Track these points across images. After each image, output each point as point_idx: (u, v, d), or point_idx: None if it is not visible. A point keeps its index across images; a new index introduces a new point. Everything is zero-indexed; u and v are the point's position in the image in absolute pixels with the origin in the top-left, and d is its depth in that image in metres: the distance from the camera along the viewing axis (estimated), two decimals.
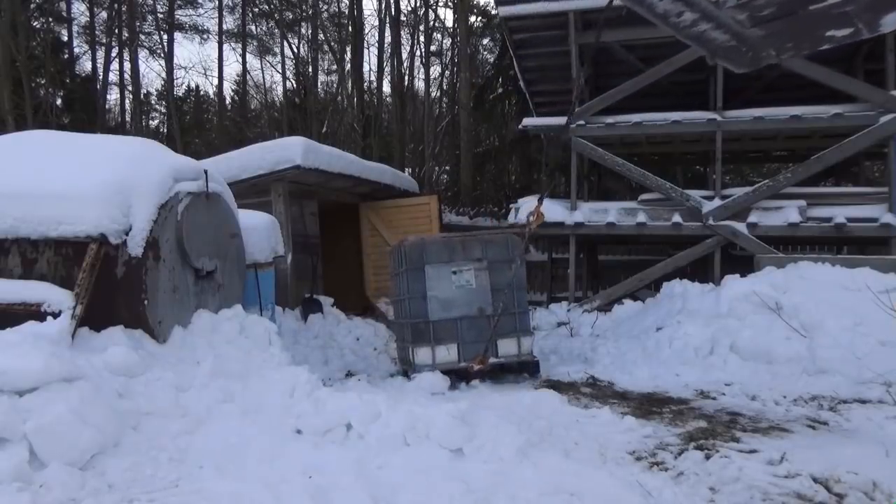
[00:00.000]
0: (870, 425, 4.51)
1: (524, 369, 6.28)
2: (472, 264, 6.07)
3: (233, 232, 6.22)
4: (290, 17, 26.13)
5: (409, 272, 6.04)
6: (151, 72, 50.68)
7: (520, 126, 13.24)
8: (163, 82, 27.54)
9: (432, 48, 25.92)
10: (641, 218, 10.47)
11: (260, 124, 29.15)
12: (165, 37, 25.18)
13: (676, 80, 11.50)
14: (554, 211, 11.09)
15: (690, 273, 10.42)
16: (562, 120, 11.74)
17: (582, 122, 11.00)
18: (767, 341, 6.31)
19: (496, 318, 5.92)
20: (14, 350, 3.67)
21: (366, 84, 25.21)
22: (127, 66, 24.79)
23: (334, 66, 26.78)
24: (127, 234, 4.87)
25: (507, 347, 6.09)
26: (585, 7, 10.31)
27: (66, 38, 23.65)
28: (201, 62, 56.37)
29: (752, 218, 9.89)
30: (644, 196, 10.95)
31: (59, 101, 21.87)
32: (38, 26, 22.16)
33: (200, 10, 28.23)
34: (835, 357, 5.90)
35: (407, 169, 21.53)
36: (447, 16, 41.57)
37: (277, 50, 27.75)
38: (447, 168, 24.90)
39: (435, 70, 26.73)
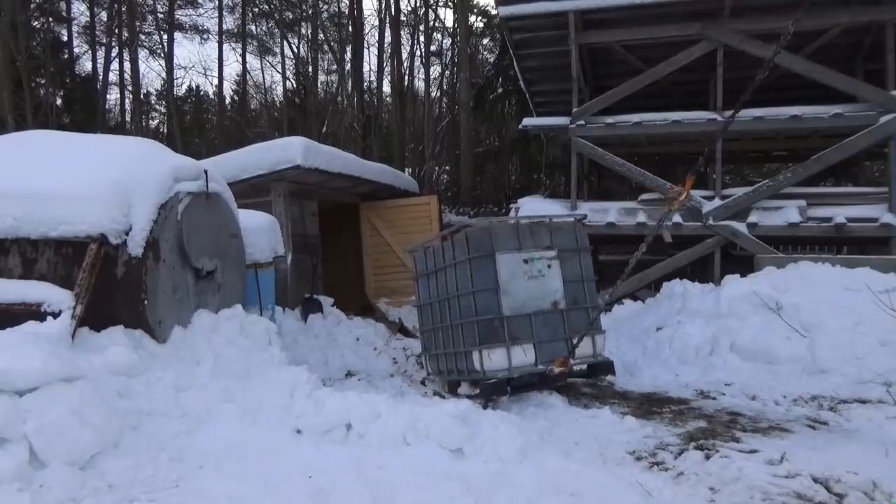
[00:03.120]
0: (870, 425, 4.51)
1: (598, 372, 5.52)
2: (542, 252, 5.30)
3: (233, 232, 6.22)
4: (290, 17, 26.13)
5: (475, 262, 5.17)
6: (151, 72, 50.76)
7: (520, 126, 13.25)
8: (163, 82, 27.57)
9: (432, 48, 25.95)
10: (641, 218, 10.47)
11: (260, 124, 29.15)
12: (165, 37, 25.19)
13: (676, 80, 11.51)
14: (553, 211, 11.09)
15: (690, 273, 10.41)
16: (562, 120, 11.75)
17: (582, 122, 11.00)
18: (767, 341, 6.31)
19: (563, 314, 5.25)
20: (14, 350, 3.67)
21: (366, 84, 25.22)
22: (127, 66, 24.83)
23: (334, 66, 26.79)
24: (127, 234, 4.87)
25: (582, 347, 5.26)
26: (585, 7, 10.31)
27: (66, 38, 23.66)
28: (201, 62, 56.45)
29: (752, 218, 9.89)
30: (644, 196, 10.95)
31: (59, 101, 21.85)
32: (38, 26, 22.15)
33: (200, 10, 28.21)
34: (835, 357, 5.90)
35: (407, 169, 21.54)
36: (447, 16, 41.61)
37: (277, 50, 27.78)
38: (447, 168, 24.91)
39: (435, 70, 26.77)
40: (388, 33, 23.15)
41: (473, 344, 5.15)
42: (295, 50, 26.57)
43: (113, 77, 24.84)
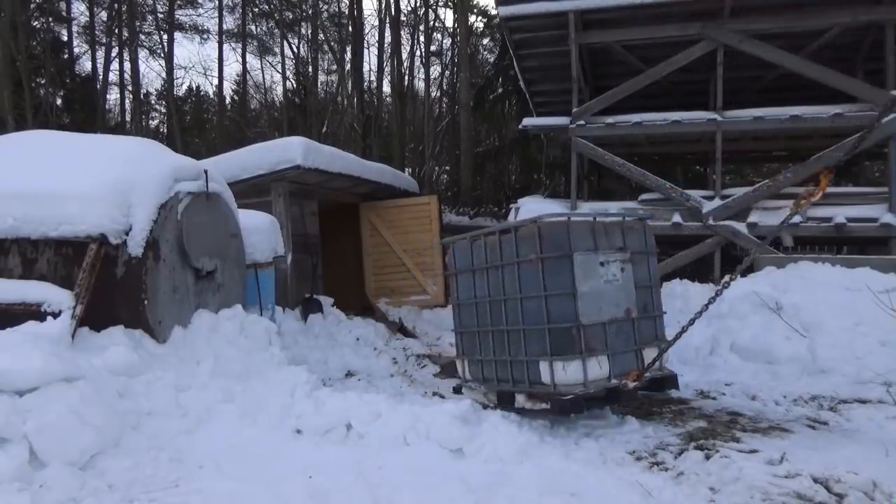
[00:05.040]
0: (870, 425, 4.51)
1: (662, 386, 4.97)
2: (616, 254, 4.81)
3: (233, 232, 6.22)
4: (290, 17, 26.13)
5: (549, 262, 4.56)
6: (151, 72, 50.66)
7: (520, 126, 13.26)
8: (163, 82, 27.58)
9: (432, 48, 25.96)
10: None
11: (260, 124, 29.16)
12: (165, 37, 25.19)
13: (676, 80, 11.52)
14: (554, 211, 11.07)
15: (690, 273, 10.42)
16: (562, 120, 11.75)
17: (582, 122, 11.00)
18: (768, 341, 6.31)
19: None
20: (14, 350, 3.67)
21: (366, 84, 25.23)
22: (127, 66, 24.84)
23: (334, 66, 26.81)
24: (127, 234, 4.87)
25: (649, 358, 4.85)
26: (585, 7, 10.32)
27: (66, 38, 23.67)
28: (201, 62, 56.40)
29: (752, 218, 9.89)
30: (644, 196, 10.96)
31: (59, 101, 21.86)
32: (38, 26, 22.15)
33: (200, 10, 28.15)
34: (835, 357, 5.90)
35: (407, 169, 21.54)
36: (447, 16, 41.61)
37: (277, 50, 27.78)
38: (447, 168, 24.91)
39: (435, 70, 26.77)
40: (388, 33, 23.16)
41: (542, 353, 4.55)
42: (295, 50, 26.60)
43: (113, 77, 24.89)
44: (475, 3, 23.46)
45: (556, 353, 4.47)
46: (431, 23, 25.14)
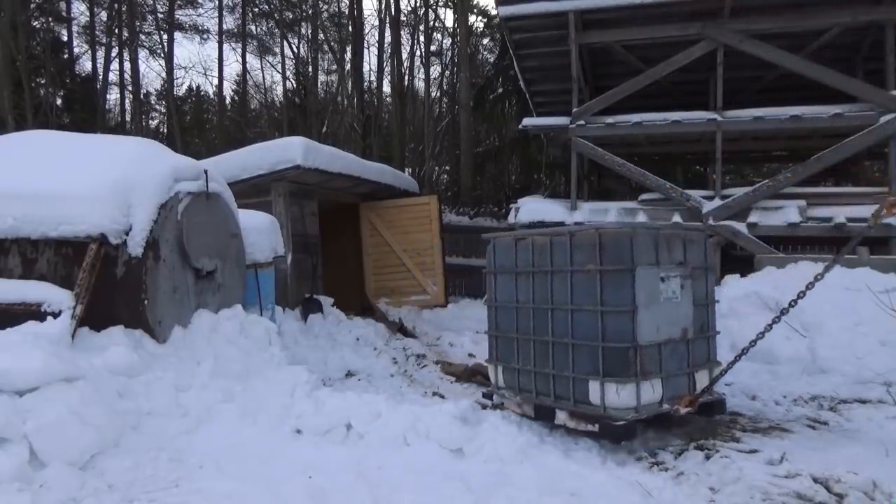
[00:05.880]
0: (870, 425, 4.51)
1: (710, 411, 4.61)
2: (677, 269, 4.46)
3: (233, 232, 6.22)
4: (290, 17, 26.11)
5: (608, 274, 4.20)
6: (151, 72, 50.61)
7: (520, 126, 13.25)
8: (163, 82, 27.56)
9: (432, 48, 25.93)
10: (641, 218, 10.47)
11: (260, 124, 29.15)
12: (165, 37, 25.15)
13: (676, 80, 11.51)
14: (554, 211, 11.09)
15: None
16: (562, 120, 11.75)
17: (582, 122, 11.00)
18: (768, 341, 6.27)
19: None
20: (14, 350, 3.67)
21: (366, 84, 25.21)
22: (127, 66, 24.80)
23: (334, 66, 26.79)
24: (127, 234, 4.87)
25: (702, 382, 4.56)
26: (585, 7, 10.32)
27: (66, 38, 23.66)
28: (201, 62, 56.32)
29: (752, 218, 9.89)
30: (644, 196, 10.95)
31: (59, 101, 21.85)
32: (37, 26, 22.15)
33: (200, 10, 28.09)
34: (835, 357, 5.91)
35: (407, 169, 21.52)
36: (447, 16, 41.57)
37: (277, 50, 27.75)
38: (447, 168, 24.89)
39: (435, 70, 26.74)
40: (388, 33, 23.14)
41: (593, 372, 4.24)
42: (295, 50, 26.58)
43: (113, 77, 24.85)
44: (475, 3, 23.44)
45: (610, 374, 4.15)
46: (431, 23, 25.14)
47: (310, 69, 26.52)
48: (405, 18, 24.82)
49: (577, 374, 4.34)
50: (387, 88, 25.57)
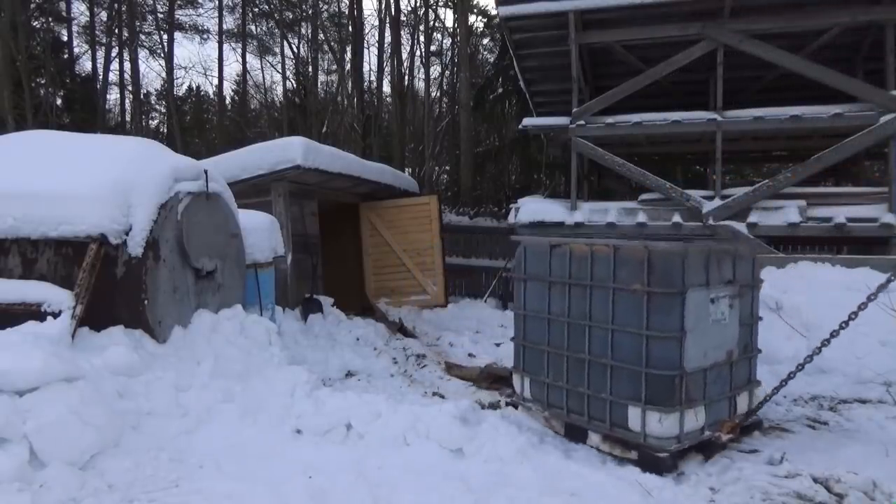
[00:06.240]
0: (870, 425, 4.51)
1: (749, 432, 4.41)
2: (726, 289, 4.18)
3: (233, 232, 6.22)
4: (290, 17, 26.11)
5: (657, 297, 3.89)
6: (151, 72, 50.58)
7: (520, 126, 13.25)
8: (163, 82, 27.57)
9: (432, 48, 25.92)
10: (641, 218, 10.48)
11: (260, 124, 29.15)
12: (165, 37, 25.14)
13: (676, 80, 11.51)
14: (554, 211, 11.09)
15: None
16: (562, 120, 11.75)
17: (582, 122, 11.00)
18: (768, 341, 6.29)
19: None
20: (14, 350, 3.67)
21: (366, 84, 25.21)
22: (127, 66, 24.79)
23: (334, 66, 26.79)
24: (127, 234, 4.88)
25: (742, 404, 4.36)
26: (585, 7, 10.31)
27: (66, 38, 23.66)
28: (201, 62, 56.30)
29: (752, 218, 9.89)
30: (644, 196, 10.95)
31: (59, 101, 21.85)
32: (38, 26, 22.14)
33: (200, 10, 28.09)
34: (835, 357, 5.90)
35: (407, 169, 21.52)
36: (447, 16, 41.57)
37: (277, 50, 27.75)
38: (447, 168, 24.89)
39: (435, 70, 26.74)
40: (388, 33, 23.13)
41: (634, 398, 3.97)
42: (295, 50, 26.57)
43: (113, 77, 24.85)
44: (475, 3, 23.43)
45: (652, 402, 3.88)
46: (431, 23, 25.13)
47: (310, 69, 26.53)
48: (405, 18, 24.83)
49: (616, 399, 4.08)
50: (387, 88, 25.59)
